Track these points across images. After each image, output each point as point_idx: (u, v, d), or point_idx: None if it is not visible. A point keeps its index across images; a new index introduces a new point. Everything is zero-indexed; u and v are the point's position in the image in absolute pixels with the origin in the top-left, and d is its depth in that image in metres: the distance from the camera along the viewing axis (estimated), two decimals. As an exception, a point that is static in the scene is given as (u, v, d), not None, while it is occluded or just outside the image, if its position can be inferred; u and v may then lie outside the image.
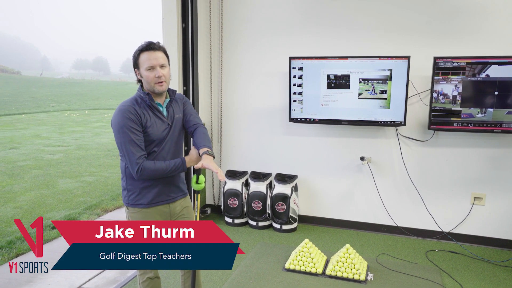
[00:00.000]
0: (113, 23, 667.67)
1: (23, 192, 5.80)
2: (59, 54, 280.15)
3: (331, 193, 4.32)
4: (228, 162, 4.63)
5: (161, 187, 2.21)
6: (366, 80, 3.83)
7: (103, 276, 3.35)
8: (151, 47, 2.09)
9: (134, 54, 2.14)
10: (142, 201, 2.19)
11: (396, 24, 3.86)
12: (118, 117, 2.08)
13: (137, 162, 2.06)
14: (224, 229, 4.26)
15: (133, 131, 2.07)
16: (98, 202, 5.27)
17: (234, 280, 3.20)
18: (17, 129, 12.98)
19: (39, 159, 8.18)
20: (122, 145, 2.08)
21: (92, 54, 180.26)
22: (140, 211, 2.20)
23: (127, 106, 2.10)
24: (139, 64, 2.11)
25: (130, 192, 2.20)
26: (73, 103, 23.81)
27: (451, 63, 3.52)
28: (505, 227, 3.80)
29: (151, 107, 2.15)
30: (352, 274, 3.23)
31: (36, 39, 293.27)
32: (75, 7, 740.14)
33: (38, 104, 22.65)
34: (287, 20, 4.18)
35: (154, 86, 2.10)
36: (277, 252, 3.70)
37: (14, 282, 3.23)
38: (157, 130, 2.15)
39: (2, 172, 7.00)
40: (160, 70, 2.09)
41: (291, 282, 3.17)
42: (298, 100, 4.06)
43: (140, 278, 2.33)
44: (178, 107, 2.29)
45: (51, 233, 4.22)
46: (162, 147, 2.18)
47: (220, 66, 4.48)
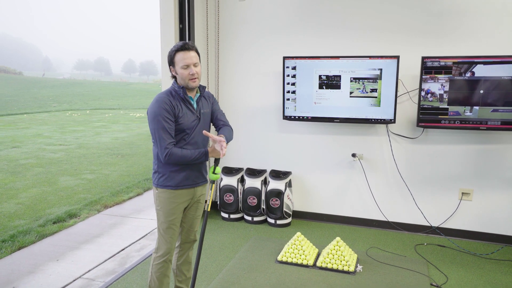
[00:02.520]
0: (114, 24, 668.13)
1: (25, 189, 5.93)
2: (61, 55, 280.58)
3: (324, 189, 4.44)
4: (224, 159, 4.75)
5: (188, 172, 2.44)
6: (357, 79, 3.95)
7: (102, 267, 3.48)
8: (186, 47, 2.32)
9: (170, 53, 2.36)
10: (170, 183, 2.41)
11: (386, 25, 3.98)
12: (155, 107, 2.31)
13: (166, 148, 2.29)
14: (220, 224, 4.41)
15: (166, 120, 2.29)
16: (98, 198, 5.39)
17: (229, 271, 3.32)
18: (19, 128, 13.13)
19: (40, 158, 8.32)
20: (156, 131, 2.31)
21: (93, 55, 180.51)
22: (168, 191, 2.42)
23: (163, 98, 2.34)
24: (175, 62, 2.35)
25: (160, 174, 2.42)
26: (75, 103, 23.98)
27: (439, 63, 3.65)
28: (492, 221, 3.92)
29: (184, 100, 2.39)
30: (342, 266, 3.35)
31: (37, 40, 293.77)
32: (76, 9, 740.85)
33: (40, 104, 22.82)
34: (281, 21, 4.31)
35: (188, 82, 2.35)
36: (271, 246, 3.82)
37: (16, 272, 3.36)
38: (187, 120, 2.38)
39: (4, 170, 7.14)
40: (193, 68, 2.33)
41: (283, 273, 3.29)
42: (291, 99, 4.18)
43: (155, 260, 2.50)
44: (207, 103, 2.54)
45: (53, 227, 4.35)
46: (191, 136, 2.41)
47: (217, 66, 4.60)
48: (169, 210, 2.45)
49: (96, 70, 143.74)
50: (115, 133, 12.56)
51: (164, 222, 2.46)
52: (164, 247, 2.49)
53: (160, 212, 2.47)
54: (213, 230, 4.21)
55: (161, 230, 2.48)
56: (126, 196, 5.55)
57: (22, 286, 3.14)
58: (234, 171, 4.57)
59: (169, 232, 2.47)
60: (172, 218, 2.46)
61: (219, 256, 3.60)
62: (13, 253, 3.73)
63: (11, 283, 3.18)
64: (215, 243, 3.89)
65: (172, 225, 2.47)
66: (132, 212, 4.96)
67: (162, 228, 2.47)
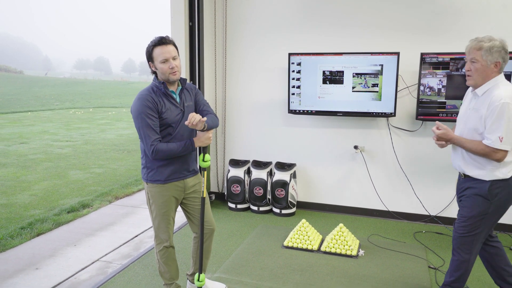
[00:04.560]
0: (114, 24, 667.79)
1: (37, 182, 6.12)
2: (61, 54, 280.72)
3: (327, 180, 4.64)
4: (231, 151, 4.96)
5: (176, 165, 2.50)
6: (359, 74, 4.15)
7: (118, 251, 3.68)
8: (163, 41, 2.35)
9: (148, 49, 2.38)
10: (159, 177, 2.47)
11: (387, 23, 4.17)
12: (137, 105, 2.35)
13: (152, 144, 2.34)
14: (227, 213, 4.61)
15: (150, 117, 2.33)
16: (109, 190, 5.59)
17: (238, 256, 3.52)
18: (25, 125, 13.32)
19: (49, 153, 8.51)
20: (140, 129, 2.35)
21: (93, 54, 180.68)
22: (158, 186, 2.49)
23: (145, 95, 2.37)
24: (154, 58, 2.37)
25: (149, 170, 2.49)
26: (77, 102, 24.17)
27: (437, 59, 3.85)
28: (487, 210, 4.12)
29: (166, 95, 2.43)
30: (345, 250, 3.55)
31: (37, 39, 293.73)
32: (76, 8, 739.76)
33: (42, 102, 23.01)
34: (286, 19, 4.50)
35: (169, 76, 2.38)
36: (277, 233, 4.02)
37: (38, 256, 3.56)
38: (171, 115, 2.43)
39: (15, 164, 7.33)
40: (173, 62, 2.36)
41: (289, 257, 3.49)
42: (296, 93, 4.38)
43: (157, 248, 2.64)
44: (189, 95, 2.58)
45: (67, 216, 4.55)
46: (176, 130, 2.46)
47: (224, 62, 4.80)
48: (161, 204, 2.51)
49: (96, 69, 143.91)
50: (119, 130, 12.75)
51: (159, 214, 2.53)
52: (162, 235, 2.58)
53: (153, 205, 2.53)
54: (221, 219, 4.40)
55: (156, 222, 2.56)
56: (135, 188, 5.75)
57: (44, 267, 3.34)
58: (241, 163, 4.76)
59: (164, 222, 2.56)
60: (164, 210, 2.53)
61: (228, 242, 3.79)
62: (32, 239, 3.93)
63: (34, 265, 3.38)
64: (224, 231, 4.08)
65: (166, 216, 2.54)
66: (142, 203, 5.16)
67: (157, 220, 2.55)
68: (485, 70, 2.34)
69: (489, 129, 2.31)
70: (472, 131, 2.42)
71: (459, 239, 2.54)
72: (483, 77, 2.36)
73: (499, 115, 2.26)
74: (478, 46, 2.33)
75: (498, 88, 2.33)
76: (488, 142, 2.31)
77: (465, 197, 2.52)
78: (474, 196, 2.45)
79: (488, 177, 2.39)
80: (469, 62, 2.39)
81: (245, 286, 3.00)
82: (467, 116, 2.46)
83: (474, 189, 2.45)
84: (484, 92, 2.38)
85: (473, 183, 2.46)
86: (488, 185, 2.40)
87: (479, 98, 2.39)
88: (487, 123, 2.31)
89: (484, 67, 2.33)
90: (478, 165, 2.42)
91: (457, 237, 2.55)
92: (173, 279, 2.70)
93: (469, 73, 2.39)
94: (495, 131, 2.29)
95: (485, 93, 2.37)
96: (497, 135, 2.28)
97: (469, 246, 2.52)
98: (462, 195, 2.56)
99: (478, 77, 2.37)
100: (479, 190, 2.42)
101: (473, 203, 2.46)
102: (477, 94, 2.41)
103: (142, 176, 2.56)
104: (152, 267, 3.28)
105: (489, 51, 2.31)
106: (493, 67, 2.34)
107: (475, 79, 2.38)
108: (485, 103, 2.33)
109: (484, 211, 2.43)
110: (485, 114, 2.32)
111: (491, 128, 2.30)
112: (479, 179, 2.42)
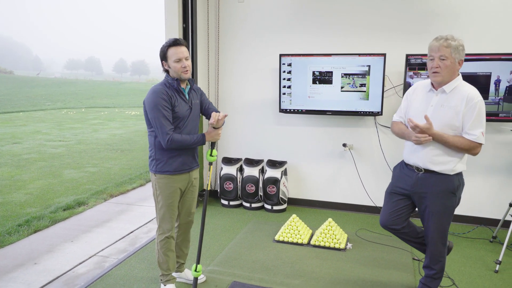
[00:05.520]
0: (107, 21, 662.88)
1: (31, 181, 6.19)
2: (51, 54, 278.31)
3: (317, 177, 4.79)
4: (224, 150, 5.09)
5: (184, 157, 2.68)
6: (347, 75, 4.30)
7: (114, 247, 3.79)
8: (177, 42, 2.56)
9: (163, 49, 2.57)
10: (168, 168, 2.64)
11: (375, 25, 4.33)
12: (153, 97, 2.53)
13: (168, 133, 2.51)
14: (220, 210, 4.73)
15: (165, 108, 2.52)
16: (104, 188, 5.68)
17: (230, 249, 3.65)
18: (17, 125, 13.31)
19: (42, 153, 8.56)
20: (156, 119, 2.52)
21: (84, 54, 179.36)
22: (166, 177, 2.65)
23: (160, 89, 2.56)
24: (168, 57, 2.56)
25: (158, 161, 2.65)
26: (69, 102, 24.10)
27: (421, 60, 4.01)
28: (469, 205, 4.29)
29: (178, 91, 2.62)
30: (333, 244, 3.69)
31: (27, 39, 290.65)
32: (70, 5, 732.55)
33: (33, 103, 22.91)
34: (277, 21, 4.65)
35: (181, 74, 2.57)
36: (268, 228, 4.16)
37: (36, 251, 3.65)
38: (182, 109, 2.62)
39: (9, 164, 7.38)
40: (185, 62, 2.56)
41: (280, 251, 3.63)
42: (287, 93, 4.52)
43: (158, 238, 2.77)
44: (196, 95, 2.79)
45: (63, 213, 4.64)
46: (185, 124, 2.64)
47: (217, 63, 4.93)
48: (168, 194, 2.67)
49: (87, 69, 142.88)
50: (112, 130, 12.80)
51: (165, 205, 2.68)
52: (165, 226, 2.73)
53: (159, 196, 2.68)
54: (214, 216, 4.53)
55: (162, 212, 2.71)
56: (130, 186, 5.85)
57: (43, 262, 3.44)
58: (234, 161, 4.89)
59: (169, 213, 2.71)
60: (171, 201, 2.69)
61: (221, 237, 3.92)
62: (30, 236, 4.02)
63: (33, 260, 3.47)
64: (217, 226, 4.21)
65: (172, 206, 2.71)
66: (137, 200, 5.26)
67: (163, 210, 2.70)
68: (453, 67, 2.44)
69: (472, 126, 2.41)
70: (446, 127, 2.47)
71: (437, 233, 2.63)
72: (451, 74, 2.46)
73: (480, 112, 2.40)
74: (447, 44, 2.41)
75: (465, 85, 2.48)
76: (472, 137, 2.42)
77: (433, 195, 2.55)
78: (443, 192, 2.53)
79: (453, 171, 2.51)
80: (437, 59, 2.44)
81: (237, 278, 3.13)
82: (438, 113, 2.50)
83: (441, 185, 2.53)
84: (452, 89, 2.48)
85: (437, 179, 2.53)
86: (453, 179, 2.52)
87: (448, 95, 2.48)
88: (467, 119, 2.41)
89: (452, 64, 2.43)
90: (449, 160, 2.50)
91: (435, 232, 2.62)
92: (169, 270, 2.82)
93: (437, 70, 2.44)
94: (478, 127, 2.41)
95: (454, 89, 2.48)
96: (480, 130, 2.41)
97: (445, 238, 2.67)
98: (424, 191, 2.58)
99: (446, 74, 2.44)
100: (447, 185, 2.52)
101: (446, 200, 2.55)
102: (444, 90, 2.49)
103: (150, 168, 2.71)
104: (148, 261, 3.39)
105: (457, 49, 2.42)
106: (457, 64, 2.46)
107: (444, 76, 2.45)
108: (460, 99, 2.44)
109: (453, 204, 2.58)
110: (463, 110, 2.41)
111: (474, 124, 2.41)
112: (444, 174, 2.51)
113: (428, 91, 2.59)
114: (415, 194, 2.63)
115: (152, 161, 2.68)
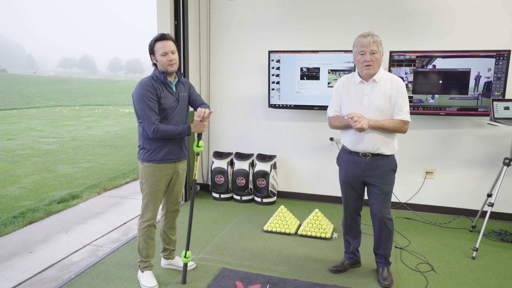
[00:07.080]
0: (102, 16, 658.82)
1: (26, 176, 6.28)
2: (45, 52, 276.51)
3: (305, 171, 4.93)
4: (215, 144, 5.22)
5: (170, 147, 2.79)
6: (334, 71, 4.44)
7: (107, 237, 3.90)
8: (164, 37, 2.67)
9: (151, 44, 2.69)
10: (155, 157, 2.75)
11: (360, 22, 4.48)
12: (140, 89, 2.64)
13: (153, 123, 2.63)
14: (211, 203, 4.86)
15: (151, 100, 2.63)
16: (97, 182, 5.79)
17: (220, 239, 3.78)
18: (11, 122, 13.33)
19: (36, 149, 8.64)
20: (142, 110, 2.63)
21: (78, 52, 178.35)
22: (152, 166, 2.76)
23: (146, 81, 2.67)
24: (155, 51, 2.68)
25: (145, 150, 2.76)
26: (62, 100, 24.06)
27: (404, 56, 4.16)
28: (450, 196, 4.47)
29: (164, 84, 2.73)
30: (319, 233, 3.84)
31: (20, 37, 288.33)
32: (67, 1, 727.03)
33: (27, 100, 22.84)
34: (266, 19, 4.78)
35: (167, 67, 2.68)
36: (258, 219, 4.30)
37: (31, 241, 3.76)
38: (168, 101, 2.72)
39: (3, 159, 7.46)
40: (171, 55, 2.67)
41: (268, 240, 3.77)
42: (276, 89, 4.66)
43: (140, 225, 2.88)
44: (184, 88, 2.89)
45: (58, 206, 4.75)
46: (172, 116, 2.75)
47: (208, 59, 5.05)
48: (153, 182, 2.78)
49: (81, 68, 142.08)
50: (106, 127, 12.87)
51: (149, 193, 2.79)
52: (148, 214, 2.85)
53: (145, 184, 2.79)
54: (205, 208, 4.66)
55: (146, 200, 2.83)
56: (123, 180, 5.96)
57: (38, 251, 3.55)
58: (224, 155, 5.02)
59: (152, 201, 2.82)
60: (156, 189, 2.79)
61: (212, 228, 4.05)
62: (25, 227, 4.13)
63: (28, 249, 3.59)
64: (208, 218, 4.34)
65: (156, 195, 2.82)
66: (130, 194, 5.38)
67: (147, 198, 2.82)
68: (380, 59, 2.75)
69: (400, 107, 2.73)
70: (379, 112, 2.74)
71: (387, 209, 2.92)
72: (379, 66, 2.76)
73: (405, 94, 2.74)
74: (374, 40, 2.71)
75: (388, 73, 2.83)
76: (401, 116, 2.74)
77: (380, 176, 2.84)
78: (389, 171, 2.86)
79: (393, 151, 2.85)
80: (369, 54, 2.69)
81: (226, 264, 3.26)
82: (373, 100, 2.75)
83: (386, 165, 2.84)
84: (381, 78, 2.77)
85: (383, 161, 2.83)
86: (393, 158, 2.89)
87: (378, 83, 2.76)
88: (397, 101, 2.72)
89: (380, 57, 2.74)
90: (388, 142, 2.80)
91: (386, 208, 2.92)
92: (148, 257, 2.94)
93: (370, 63, 2.70)
94: (405, 107, 2.74)
95: (382, 78, 2.77)
96: (406, 109, 2.75)
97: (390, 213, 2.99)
98: (372, 174, 2.85)
99: (377, 66, 2.74)
100: (390, 164, 2.86)
101: (391, 178, 2.89)
102: (375, 80, 2.76)
103: (138, 157, 2.84)
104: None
105: (381, 44, 2.75)
106: (381, 56, 2.76)
107: (375, 68, 2.73)
108: (389, 85, 2.74)
109: (394, 180, 2.92)
110: (395, 94, 2.72)
111: (402, 105, 2.73)
112: (388, 155, 2.83)
113: (358, 83, 2.84)
114: (366, 177, 2.90)
115: (140, 150, 2.80)
